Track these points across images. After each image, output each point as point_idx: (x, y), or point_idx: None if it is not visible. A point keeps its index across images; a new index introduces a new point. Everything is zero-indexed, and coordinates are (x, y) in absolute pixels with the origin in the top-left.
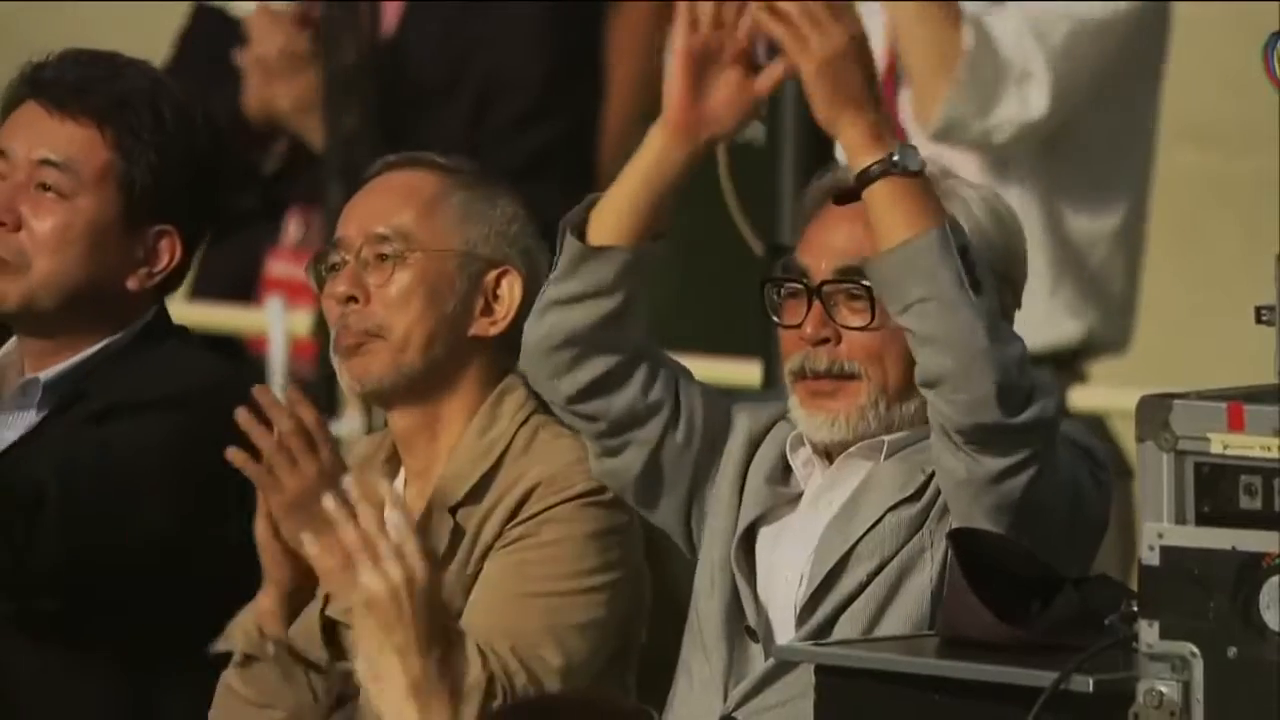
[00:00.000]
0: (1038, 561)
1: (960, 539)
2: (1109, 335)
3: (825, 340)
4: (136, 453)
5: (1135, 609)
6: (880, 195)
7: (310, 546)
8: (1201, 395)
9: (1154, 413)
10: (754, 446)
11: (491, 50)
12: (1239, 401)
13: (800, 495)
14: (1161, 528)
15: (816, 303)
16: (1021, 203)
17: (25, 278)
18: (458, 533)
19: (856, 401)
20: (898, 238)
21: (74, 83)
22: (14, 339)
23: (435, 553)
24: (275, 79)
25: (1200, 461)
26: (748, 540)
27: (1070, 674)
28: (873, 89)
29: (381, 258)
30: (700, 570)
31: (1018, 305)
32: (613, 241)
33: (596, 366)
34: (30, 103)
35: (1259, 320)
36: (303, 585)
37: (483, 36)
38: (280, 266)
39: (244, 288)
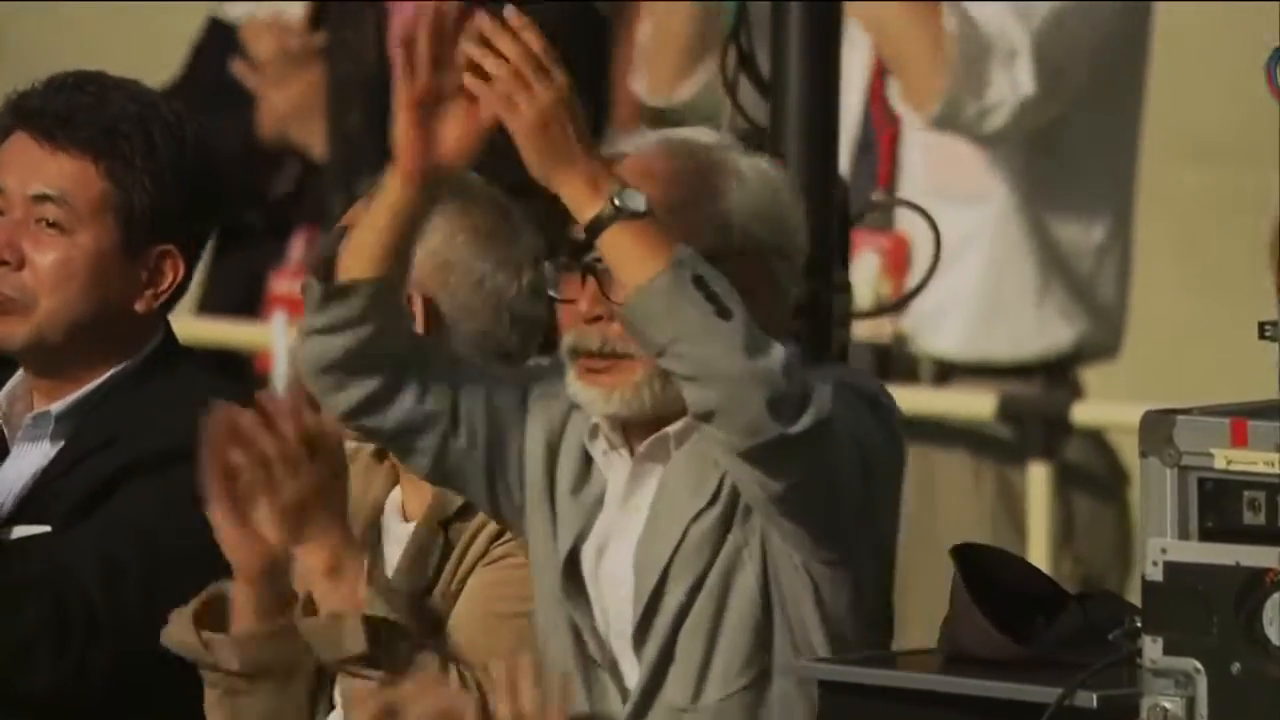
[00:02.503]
0: (1042, 576)
1: (963, 554)
2: (1100, 341)
3: (598, 318)
4: (178, 536)
5: (1138, 625)
6: (610, 243)
7: (303, 554)
8: (1205, 411)
9: (1157, 428)
10: (554, 456)
11: None
12: (1242, 417)
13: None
14: (1165, 543)
15: (591, 279)
16: (1008, 209)
17: (32, 316)
18: (448, 547)
19: (630, 378)
20: (633, 285)
21: (62, 113)
22: (19, 372)
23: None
24: (272, 84)
25: (1204, 477)
26: (572, 565)
27: (1074, 690)
28: (585, 139)
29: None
30: (539, 608)
31: (796, 279)
32: (356, 275)
33: (362, 388)
34: (20, 134)
35: (1262, 336)
36: (272, 575)
37: None
38: (284, 284)
39: (250, 304)
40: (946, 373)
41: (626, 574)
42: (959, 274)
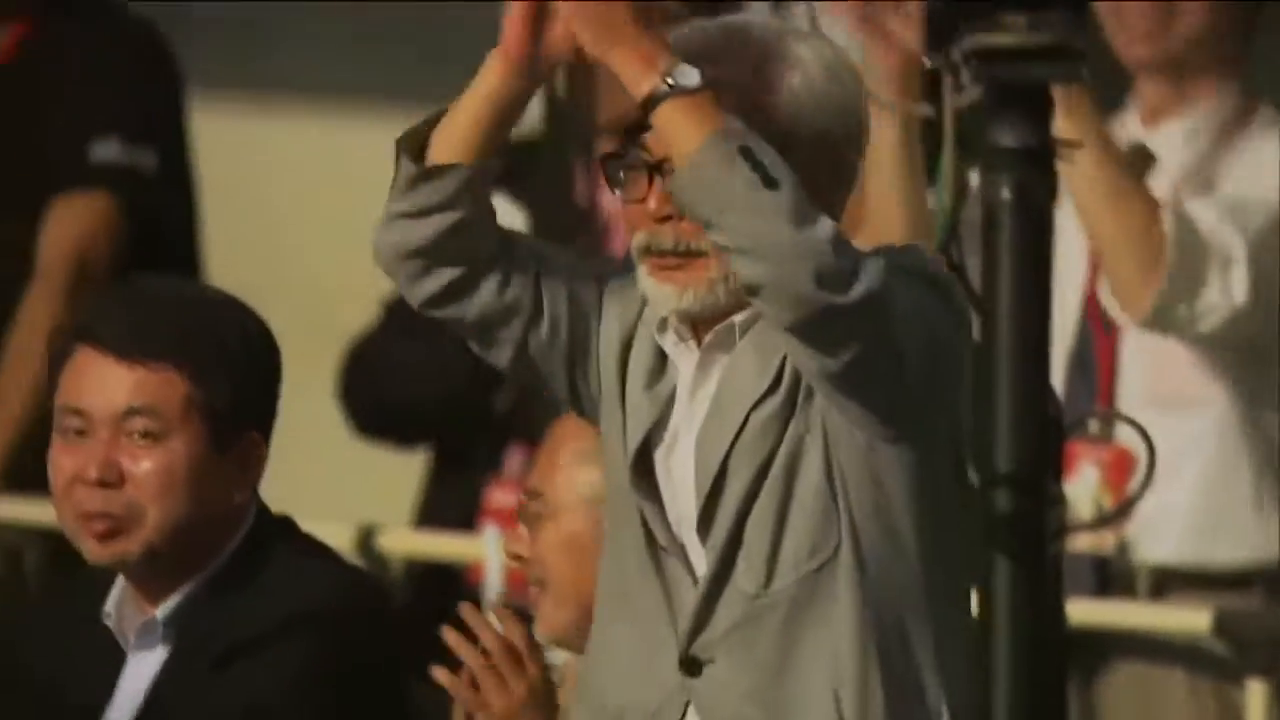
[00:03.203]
0: None
1: None
2: None
3: (668, 217)
4: (279, 701)
5: None
6: (663, 119)
7: None
8: None
9: None
10: (627, 349)
11: None
12: None
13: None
14: None
15: (658, 179)
16: (1227, 417)
17: (142, 530)
18: None
19: (705, 274)
20: (684, 158)
21: (135, 328)
22: (120, 577)
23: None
24: None
25: None
26: (642, 458)
27: None
28: (640, 18)
29: (535, 516)
30: (610, 500)
31: (861, 155)
32: (450, 158)
33: (445, 275)
34: (89, 352)
35: None
36: None
37: None
38: (500, 496)
39: (466, 518)
40: (1163, 584)
41: (693, 463)
42: (1178, 482)
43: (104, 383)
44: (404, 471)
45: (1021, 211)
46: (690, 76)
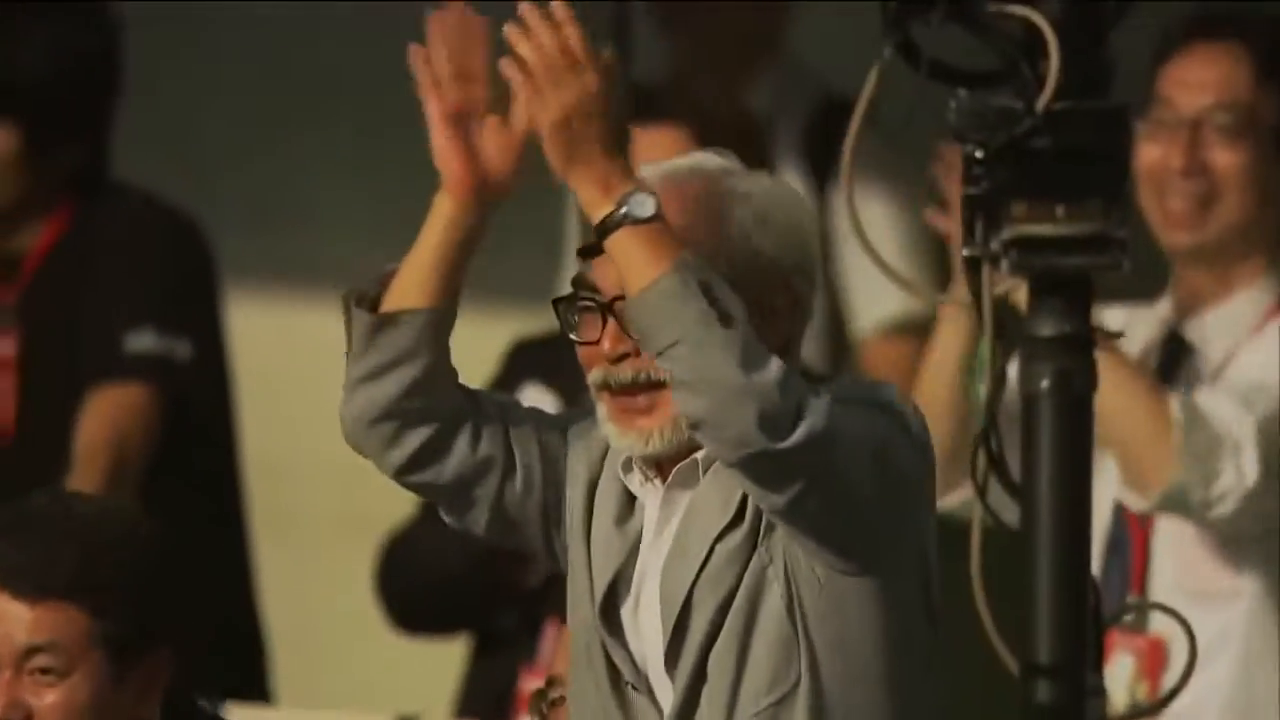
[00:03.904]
0: None
1: None
2: None
3: (624, 356)
4: None
5: None
6: (618, 246)
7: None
8: None
9: None
10: (593, 490)
11: None
12: None
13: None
14: None
15: (611, 319)
16: (1258, 607)
17: None
18: None
19: (668, 414)
20: (637, 287)
21: (32, 564)
22: None
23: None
24: None
25: None
26: (610, 595)
27: None
28: (606, 141)
29: None
30: (574, 638)
31: (812, 292)
32: (411, 304)
33: (419, 435)
34: None
35: None
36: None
37: None
38: (533, 684)
39: (502, 705)
40: None
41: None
42: (1210, 674)
43: (2, 620)
44: (444, 660)
45: (1061, 400)
46: (646, 206)
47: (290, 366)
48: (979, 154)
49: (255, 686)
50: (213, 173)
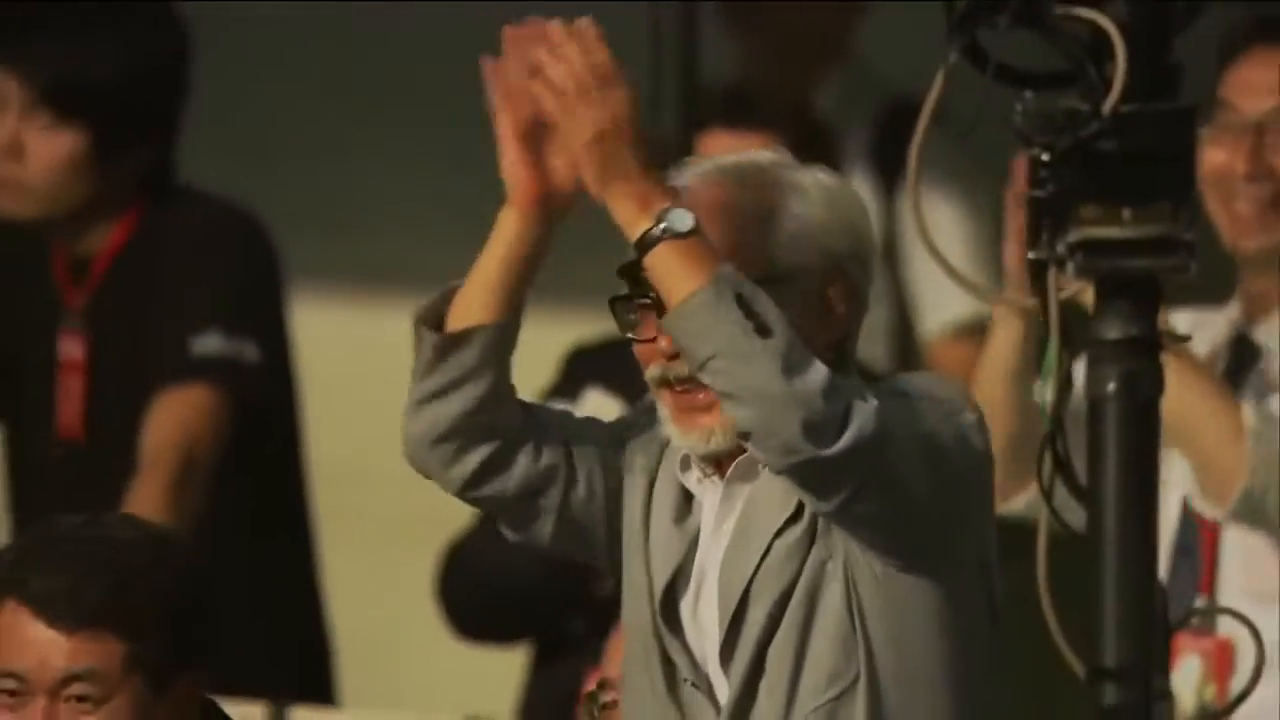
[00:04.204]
0: None
1: None
2: None
3: (681, 353)
4: None
5: None
6: (657, 261)
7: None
8: None
9: None
10: (650, 489)
11: None
12: None
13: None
14: None
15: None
16: None
17: None
18: None
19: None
20: (675, 302)
21: (68, 591)
22: None
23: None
24: None
25: None
26: (669, 596)
27: None
28: (641, 158)
29: None
30: (628, 637)
31: (869, 281)
32: (472, 321)
33: (482, 451)
34: (19, 611)
35: None
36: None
37: None
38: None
39: (568, 712)
40: None
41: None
42: (1275, 678)
43: (39, 647)
44: (510, 662)
45: (1127, 403)
46: (684, 220)
47: (357, 368)
48: (1045, 156)
49: (321, 689)
50: (280, 175)
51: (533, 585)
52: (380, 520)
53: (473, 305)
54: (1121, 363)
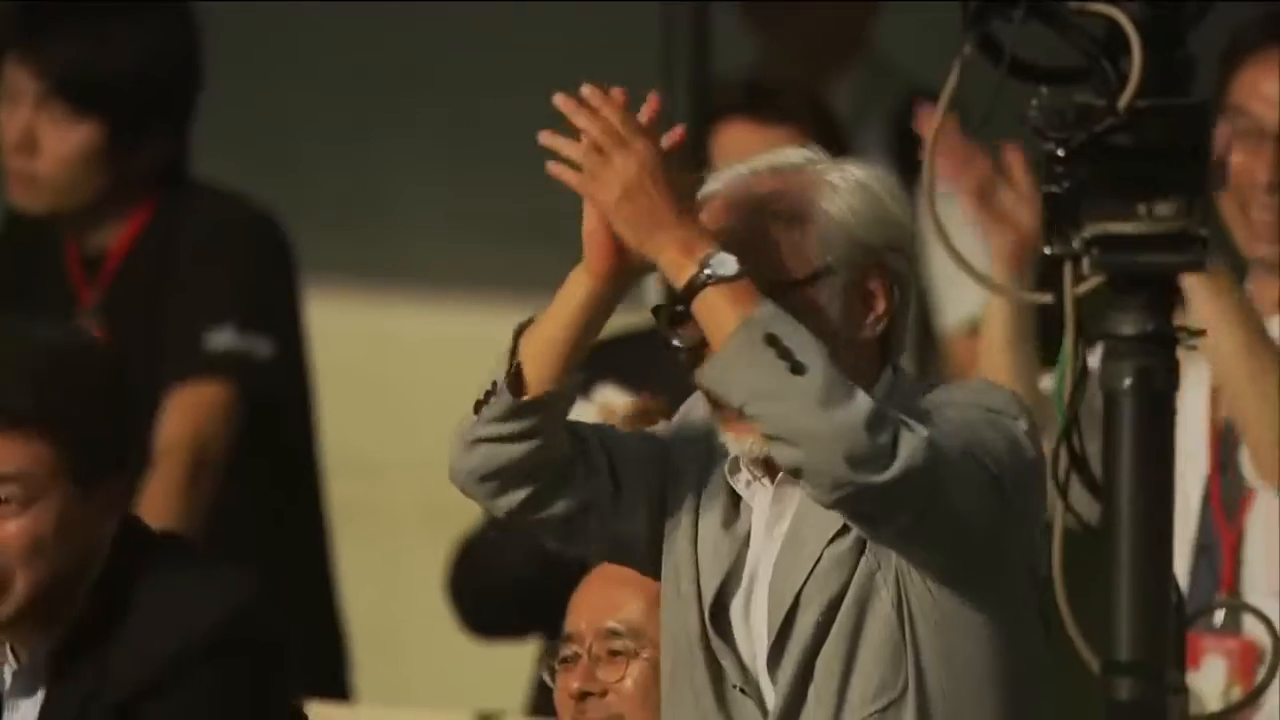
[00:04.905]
0: None
1: None
2: None
3: None
4: None
5: None
6: (703, 307)
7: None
8: None
9: None
10: (698, 494)
11: None
12: None
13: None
14: None
15: None
16: None
17: (10, 595)
18: None
19: None
20: (717, 347)
21: None
22: None
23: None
24: None
25: None
26: (719, 601)
27: None
28: (676, 204)
29: (614, 654)
30: (667, 641)
31: (912, 268)
32: (545, 385)
33: (527, 488)
34: None
35: None
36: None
37: None
38: None
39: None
40: None
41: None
42: None
43: None
44: (524, 657)
45: (1142, 399)
46: (728, 265)
47: (371, 364)
48: (1060, 152)
49: (335, 684)
50: (295, 170)
51: (544, 580)
52: (392, 515)
53: (544, 367)
54: (1136, 358)
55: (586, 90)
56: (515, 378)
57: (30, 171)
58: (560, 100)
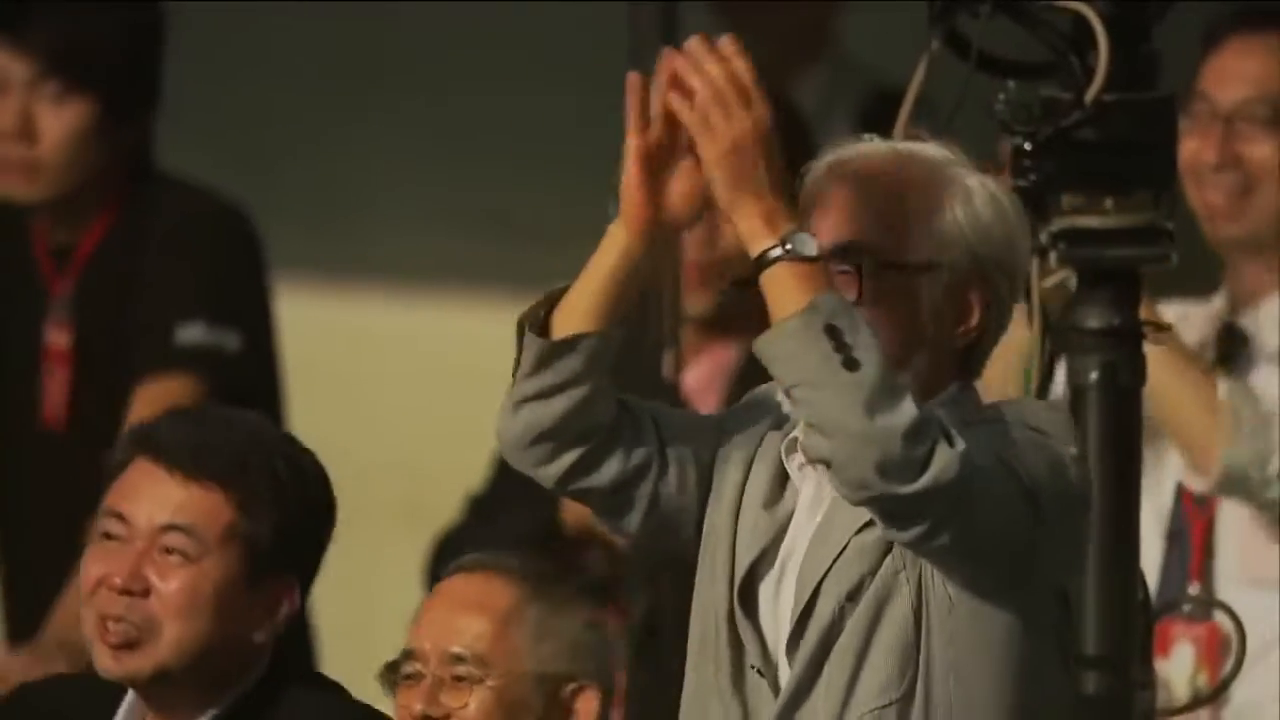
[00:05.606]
0: None
1: None
2: None
3: None
4: None
5: None
6: (772, 281)
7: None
8: None
9: None
10: (747, 472)
11: None
12: None
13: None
14: None
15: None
16: None
17: (155, 647)
18: None
19: None
20: (777, 324)
21: (191, 443)
22: (130, 695)
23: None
24: None
25: None
26: (749, 578)
27: None
28: (773, 175)
29: (458, 679)
30: (700, 618)
31: (1014, 297)
32: (581, 329)
33: (577, 450)
34: (143, 462)
35: None
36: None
37: None
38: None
39: None
40: None
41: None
42: (1273, 661)
43: (152, 493)
44: None
45: (1109, 393)
46: (808, 246)
47: (341, 359)
48: (1027, 145)
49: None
50: (265, 165)
51: None
52: (365, 512)
53: (577, 313)
54: (1102, 352)
55: (724, 40)
56: (543, 329)
57: (30, 159)
58: (693, 41)
